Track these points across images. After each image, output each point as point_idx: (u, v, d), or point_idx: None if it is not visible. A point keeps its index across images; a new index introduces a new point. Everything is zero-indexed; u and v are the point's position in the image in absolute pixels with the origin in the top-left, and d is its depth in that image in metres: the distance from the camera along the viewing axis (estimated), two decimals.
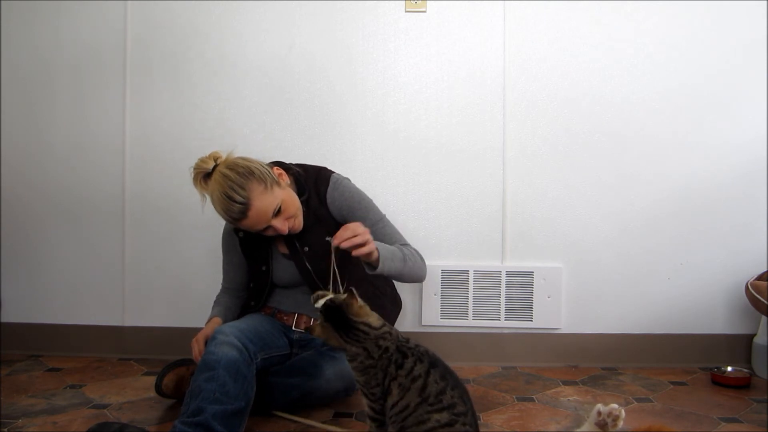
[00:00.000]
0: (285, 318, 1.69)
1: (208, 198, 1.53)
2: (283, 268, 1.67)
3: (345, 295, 1.16)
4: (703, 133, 2.05)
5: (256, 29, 2.09)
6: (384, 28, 2.08)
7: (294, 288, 1.69)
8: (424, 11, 2.08)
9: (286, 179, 1.61)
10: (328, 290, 1.25)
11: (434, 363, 1.13)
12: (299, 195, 1.62)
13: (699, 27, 2.05)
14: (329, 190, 1.65)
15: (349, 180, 1.71)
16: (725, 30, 2.04)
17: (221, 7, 2.09)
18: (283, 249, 1.67)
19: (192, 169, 1.54)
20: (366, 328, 1.15)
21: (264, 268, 1.68)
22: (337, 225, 1.63)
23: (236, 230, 1.70)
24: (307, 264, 1.62)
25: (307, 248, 1.62)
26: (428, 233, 2.08)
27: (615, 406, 1.15)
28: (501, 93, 2.07)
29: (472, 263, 2.06)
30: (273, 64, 2.09)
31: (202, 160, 1.53)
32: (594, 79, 2.06)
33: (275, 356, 1.58)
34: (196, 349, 1.53)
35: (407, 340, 1.17)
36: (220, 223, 2.10)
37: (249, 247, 1.70)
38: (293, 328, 1.67)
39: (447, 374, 1.12)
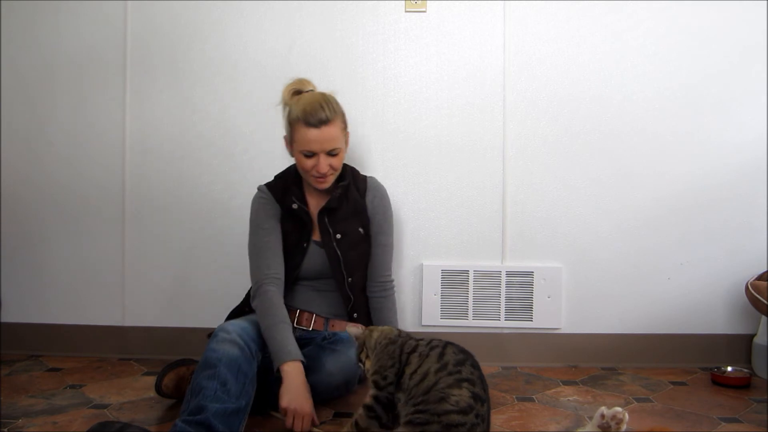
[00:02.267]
0: (289, 314, 1.69)
1: (283, 106, 1.66)
2: (315, 257, 1.69)
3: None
4: (703, 132, 2.05)
5: (256, 29, 2.09)
6: (384, 28, 2.08)
7: (305, 283, 1.71)
8: (424, 11, 2.08)
9: (346, 149, 1.71)
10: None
11: (450, 343, 1.19)
12: (339, 179, 1.70)
13: (699, 27, 2.05)
14: (369, 189, 1.76)
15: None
16: (725, 30, 2.04)
17: (221, 7, 2.09)
18: (316, 236, 1.70)
19: (290, 79, 1.69)
20: None
21: (305, 245, 1.67)
22: (368, 221, 1.74)
23: (285, 203, 1.68)
24: (338, 251, 1.65)
25: (339, 235, 1.67)
26: (428, 233, 2.08)
27: (618, 409, 1.15)
28: (501, 93, 2.07)
29: (472, 263, 2.06)
30: (273, 64, 2.09)
31: (302, 81, 1.68)
32: (594, 79, 2.06)
33: None
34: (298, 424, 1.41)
35: None
36: (220, 223, 2.10)
37: (294, 221, 1.69)
38: (295, 325, 1.67)
39: (465, 351, 1.17)
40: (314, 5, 2.08)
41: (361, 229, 1.72)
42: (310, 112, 1.56)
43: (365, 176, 1.80)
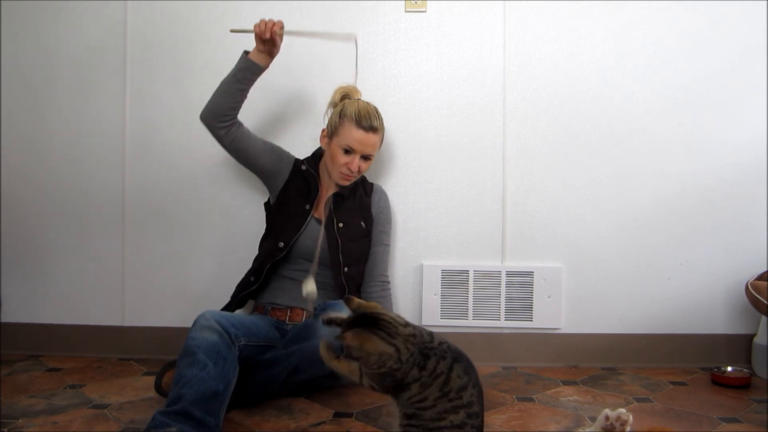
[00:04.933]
0: (278, 313, 1.74)
1: (331, 107, 1.84)
2: (312, 232, 1.74)
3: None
4: (703, 132, 2.05)
5: None
6: (384, 28, 2.08)
7: (296, 275, 1.72)
8: (424, 11, 2.08)
9: None
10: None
11: (457, 358, 1.12)
12: None
13: (699, 27, 2.05)
14: (375, 191, 1.92)
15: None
16: (725, 30, 2.04)
17: (221, 7, 2.09)
18: (320, 214, 1.78)
19: (341, 85, 1.84)
20: (393, 322, 1.12)
21: (308, 207, 1.78)
22: (371, 219, 1.88)
23: (297, 165, 1.86)
24: (338, 237, 1.74)
25: (342, 224, 1.76)
26: (428, 233, 2.08)
27: (623, 410, 1.15)
28: (501, 93, 2.07)
29: (472, 263, 2.06)
30: (273, 64, 2.08)
31: (354, 88, 1.83)
32: (594, 78, 2.06)
33: (264, 346, 1.60)
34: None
35: (431, 337, 1.14)
36: (219, 223, 2.10)
37: (300, 182, 1.82)
38: (287, 321, 1.73)
39: (470, 369, 1.11)
40: (314, 5, 2.08)
41: (362, 223, 1.82)
42: (365, 115, 1.74)
43: (372, 182, 1.95)
